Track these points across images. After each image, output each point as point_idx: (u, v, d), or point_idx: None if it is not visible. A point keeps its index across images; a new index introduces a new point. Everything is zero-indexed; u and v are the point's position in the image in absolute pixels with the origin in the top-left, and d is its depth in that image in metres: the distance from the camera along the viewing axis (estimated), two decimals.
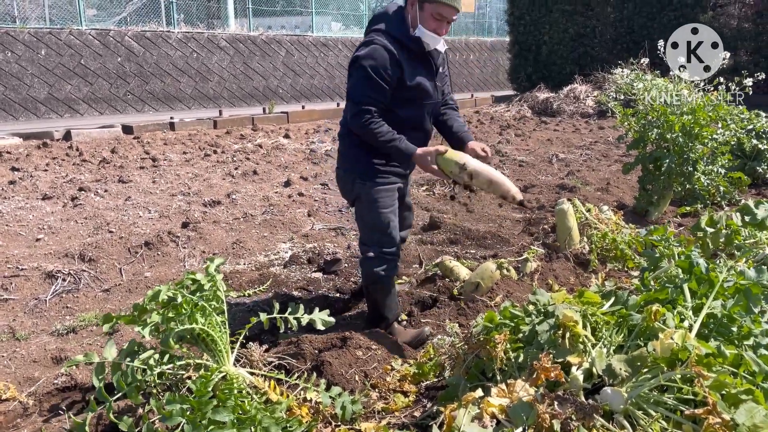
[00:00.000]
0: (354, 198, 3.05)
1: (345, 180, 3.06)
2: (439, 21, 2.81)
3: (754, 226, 3.33)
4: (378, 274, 2.99)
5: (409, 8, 2.84)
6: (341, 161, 3.08)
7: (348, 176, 3.02)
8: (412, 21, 2.84)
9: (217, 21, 18.05)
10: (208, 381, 2.13)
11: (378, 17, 2.92)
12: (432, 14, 2.79)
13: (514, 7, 17.06)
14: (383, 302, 3.09)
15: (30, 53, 12.00)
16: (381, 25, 2.86)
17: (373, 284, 3.05)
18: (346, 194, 3.14)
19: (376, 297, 3.10)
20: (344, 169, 3.05)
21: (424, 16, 2.80)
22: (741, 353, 1.77)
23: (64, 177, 6.97)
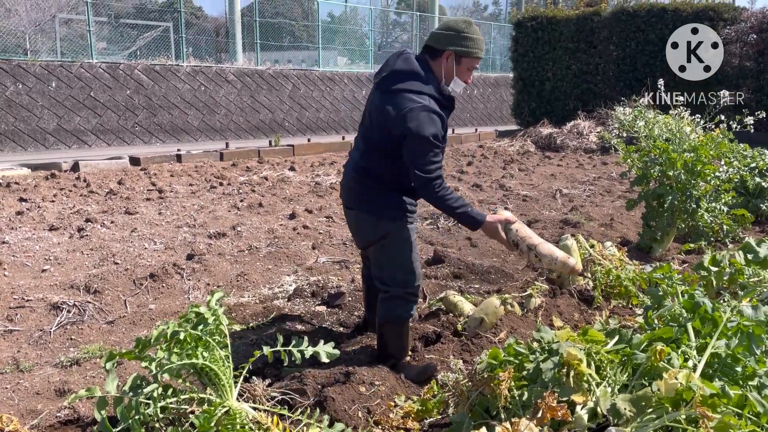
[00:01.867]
0: (379, 238, 2.99)
1: (369, 221, 3.01)
2: (470, 71, 2.97)
3: (757, 265, 3.34)
4: (398, 314, 3.00)
5: (444, 61, 2.90)
6: (364, 203, 3.02)
7: (373, 217, 2.98)
8: (446, 74, 2.92)
9: (225, 55, 18.38)
10: (211, 416, 2.13)
11: (407, 70, 2.87)
12: (468, 67, 2.93)
13: (518, 44, 17.32)
14: (397, 343, 3.09)
15: (41, 85, 12.21)
16: (415, 84, 2.83)
17: (389, 324, 3.05)
18: (367, 235, 3.07)
19: (391, 337, 3.09)
20: (369, 211, 3.00)
21: (460, 69, 2.91)
22: (745, 394, 1.76)
23: (71, 208, 7.03)
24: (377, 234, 3.00)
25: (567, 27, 16.46)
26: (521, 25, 17.16)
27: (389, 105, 2.82)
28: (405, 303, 3.02)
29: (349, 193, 3.11)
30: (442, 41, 2.90)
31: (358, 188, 3.04)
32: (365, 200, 3.02)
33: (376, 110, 2.91)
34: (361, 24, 22.75)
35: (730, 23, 14.44)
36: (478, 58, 2.94)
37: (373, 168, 2.99)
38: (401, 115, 2.76)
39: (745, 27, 14.26)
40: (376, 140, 2.95)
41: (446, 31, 2.91)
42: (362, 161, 3.02)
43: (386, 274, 3.03)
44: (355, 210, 3.07)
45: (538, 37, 16.91)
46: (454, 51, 2.88)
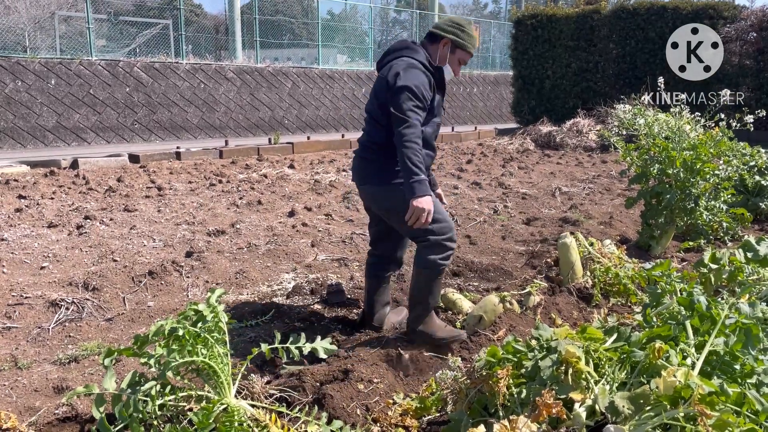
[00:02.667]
0: (395, 204, 3.09)
1: (379, 192, 3.21)
2: (460, 64, 3.30)
3: (756, 263, 3.34)
4: (434, 261, 3.13)
5: (440, 47, 3.21)
6: (371, 176, 3.22)
7: (382, 187, 3.18)
8: (440, 59, 3.22)
9: (224, 53, 18.36)
10: (210, 413, 2.13)
11: (400, 47, 3.21)
12: (459, 59, 3.26)
13: (518, 42, 17.31)
14: (431, 289, 3.22)
15: (40, 82, 12.20)
16: (407, 52, 3.15)
17: (425, 270, 3.16)
18: (383, 204, 3.25)
19: (424, 283, 3.20)
20: (377, 182, 3.19)
21: (453, 58, 3.25)
22: (744, 392, 1.76)
23: (70, 205, 7.02)
24: (392, 201, 3.15)
25: (567, 25, 16.45)
26: (521, 23, 17.15)
27: (384, 72, 3.12)
28: (443, 250, 3.14)
29: (356, 171, 3.34)
30: (442, 29, 3.23)
31: (363, 164, 3.26)
32: (371, 173, 3.22)
33: (376, 81, 3.20)
34: (360, 22, 22.74)
35: (730, 21, 14.44)
36: (470, 53, 3.27)
37: (374, 140, 3.20)
38: (391, 74, 3.02)
39: (745, 25, 14.25)
40: (375, 112, 3.17)
41: (448, 22, 3.26)
42: (364, 137, 3.27)
43: (415, 230, 3.08)
44: (365, 185, 3.28)
45: (538, 35, 16.90)
46: (452, 40, 3.20)
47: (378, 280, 3.61)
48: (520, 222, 6.61)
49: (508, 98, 20.74)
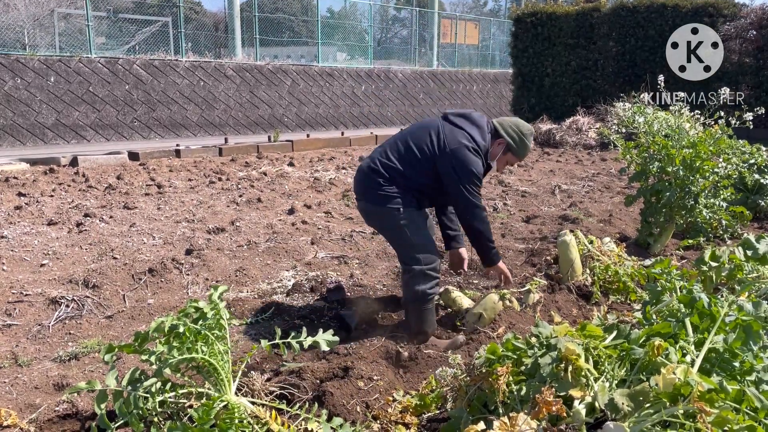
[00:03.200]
0: (388, 225, 3.31)
1: (373, 210, 3.32)
2: (506, 165, 3.53)
3: (756, 261, 3.34)
4: (421, 291, 3.25)
5: (496, 145, 3.41)
6: (370, 193, 3.30)
7: (385, 208, 3.25)
8: (491, 153, 3.41)
9: (224, 50, 18.34)
10: (210, 410, 2.13)
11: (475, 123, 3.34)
12: (508, 161, 3.49)
13: (518, 40, 17.29)
14: (425, 318, 3.33)
15: (39, 80, 12.18)
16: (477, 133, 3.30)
17: (414, 302, 3.29)
18: (375, 222, 3.46)
19: (416, 314, 3.33)
20: (373, 201, 3.28)
21: (503, 158, 3.45)
22: (743, 389, 1.76)
23: (69, 203, 7.02)
24: (385, 222, 3.31)
25: (566, 23, 16.44)
26: (521, 21, 17.13)
27: (448, 133, 3.24)
28: (428, 279, 3.26)
29: (358, 185, 3.40)
30: (504, 129, 3.40)
31: (367, 182, 3.32)
32: (370, 192, 3.29)
33: (434, 129, 3.29)
34: (360, 19, 22.69)
35: (730, 19, 14.42)
36: (520, 158, 3.51)
37: (390, 168, 3.26)
38: (454, 148, 3.20)
39: (745, 23, 14.24)
40: (413, 153, 3.25)
41: (513, 126, 3.43)
42: (382, 159, 3.30)
43: (403, 255, 3.32)
44: (362, 201, 3.38)
45: (537, 33, 16.89)
46: (507, 143, 3.40)
47: None
48: (519, 220, 6.62)
49: (507, 96, 20.73)
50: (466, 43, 24.46)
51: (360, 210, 3.51)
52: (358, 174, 3.40)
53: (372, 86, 18.77)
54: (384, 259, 5.09)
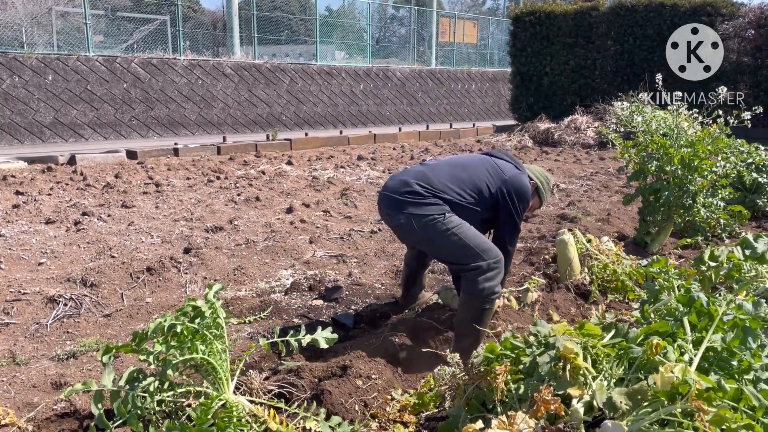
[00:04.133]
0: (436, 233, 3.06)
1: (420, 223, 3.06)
2: (528, 209, 3.51)
3: (754, 260, 3.34)
4: (490, 288, 3.05)
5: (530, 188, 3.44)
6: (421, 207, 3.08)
7: (427, 218, 3.05)
8: None
9: (222, 49, 18.32)
10: (208, 409, 2.13)
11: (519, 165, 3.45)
12: (533, 205, 3.55)
13: (516, 39, 17.29)
14: (485, 320, 3.13)
15: (37, 78, 12.16)
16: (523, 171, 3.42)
17: (479, 299, 3.06)
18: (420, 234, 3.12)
19: (480, 314, 3.09)
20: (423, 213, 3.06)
21: (531, 202, 3.48)
22: (741, 387, 1.77)
23: (67, 201, 7.01)
24: (427, 230, 3.07)
25: (565, 22, 16.44)
26: (519, 20, 17.13)
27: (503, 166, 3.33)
28: (496, 275, 3.08)
29: (391, 201, 3.16)
30: (534, 174, 3.53)
31: (404, 196, 3.11)
32: (408, 204, 3.09)
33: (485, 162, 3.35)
34: (359, 18, 22.68)
35: (728, 19, 14.43)
36: (541, 205, 3.66)
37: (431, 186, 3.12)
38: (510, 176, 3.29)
39: (743, 22, 14.25)
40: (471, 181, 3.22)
41: (542, 173, 3.58)
42: (414, 181, 3.14)
43: (462, 257, 3.08)
44: (398, 215, 3.12)
45: (536, 32, 16.89)
46: (537, 187, 3.51)
47: (416, 270, 3.79)
48: None
49: (506, 95, 20.73)
50: (465, 41, 24.45)
51: (394, 227, 3.24)
52: (391, 191, 3.19)
53: (370, 85, 18.76)
54: (382, 258, 5.09)
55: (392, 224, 3.22)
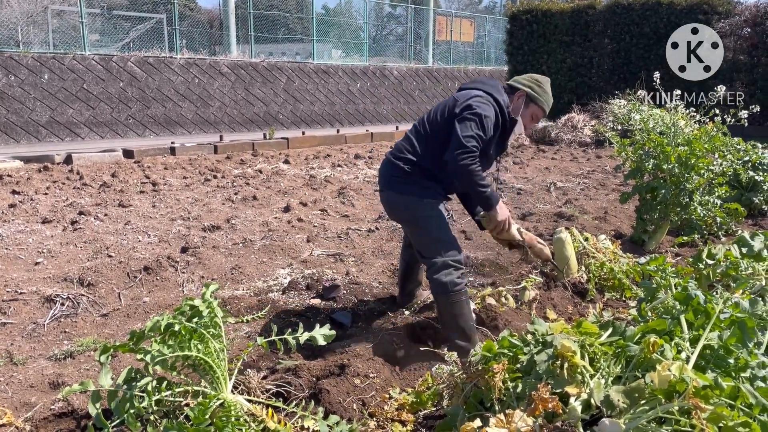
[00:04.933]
0: (411, 217, 3.22)
1: (398, 199, 3.23)
2: (531, 120, 3.33)
3: (751, 258, 3.35)
4: (449, 281, 3.09)
5: (516, 99, 3.26)
6: (394, 183, 3.22)
7: (410, 198, 3.19)
8: (513, 110, 3.26)
9: (219, 47, 18.29)
10: (206, 408, 2.13)
11: (488, 83, 3.26)
12: (532, 115, 3.30)
13: (513, 37, 17.30)
14: (459, 311, 3.13)
15: (33, 77, 12.13)
16: (492, 89, 3.20)
17: (444, 294, 3.11)
18: (397, 212, 3.34)
19: (447, 309, 3.14)
20: (397, 190, 3.21)
21: (526, 112, 3.29)
22: (738, 385, 1.77)
23: (64, 201, 6.99)
24: (409, 214, 3.22)
25: (562, 20, 16.45)
26: (516, 18, 17.14)
27: (460, 97, 3.16)
28: (451, 269, 3.12)
29: (382, 175, 3.33)
30: (520, 82, 3.30)
31: (392, 170, 3.24)
32: (395, 181, 3.23)
33: (447, 102, 3.21)
34: (355, 16, 22.68)
35: (725, 17, 14.46)
36: (543, 111, 3.31)
37: (414, 154, 3.19)
38: (467, 97, 3.10)
39: (740, 21, 14.28)
40: (430, 127, 3.20)
41: (527, 77, 3.33)
42: (405, 145, 3.25)
43: (427, 250, 3.18)
44: (386, 191, 3.29)
45: (532, 30, 16.90)
46: (527, 93, 3.25)
47: (411, 264, 3.77)
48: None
49: None
50: (462, 40, 24.46)
51: (383, 201, 3.41)
52: (384, 163, 3.35)
53: (367, 83, 18.75)
54: (380, 256, 5.09)
55: (381, 198, 3.40)
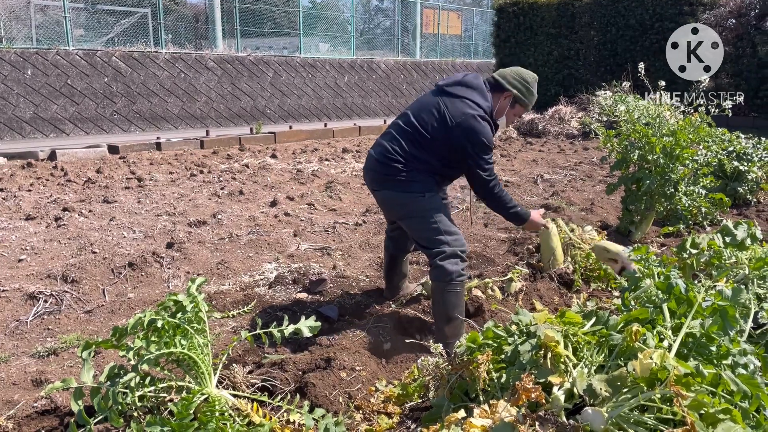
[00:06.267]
0: (415, 212, 3.18)
1: (403, 199, 3.19)
2: (515, 118, 3.42)
3: (734, 247, 3.37)
4: (455, 270, 3.08)
5: (502, 98, 3.30)
6: (401, 183, 3.17)
7: (410, 194, 3.17)
8: (499, 108, 3.30)
9: (204, 42, 18.13)
10: (190, 403, 2.11)
11: (474, 86, 3.24)
12: (516, 113, 3.38)
13: (500, 30, 17.31)
14: (456, 303, 3.13)
15: (16, 73, 11.98)
16: (478, 97, 3.19)
17: (447, 283, 3.10)
18: (396, 210, 3.29)
19: (450, 298, 3.12)
20: (393, 188, 3.19)
21: (510, 112, 3.36)
22: (719, 372, 1.78)
23: (48, 197, 6.92)
24: (411, 209, 3.18)
25: (548, 12, 16.47)
26: (503, 11, 17.14)
27: (450, 107, 3.14)
28: (458, 260, 3.12)
29: (375, 176, 3.28)
30: (509, 81, 3.30)
31: (386, 170, 3.20)
32: (392, 178, 3.19)
33: (435, 106, 3.18)
34: (342, 10, 22.54)
35: (710, 8, 14.53)
36: (529, 108, 3.40)
37: (404, 153, 3.17)
38: (461, 120, 3.10)
39: (724, 12, 14.35)
40: (422, 130, 3.16)
41: (515, 76, 3.32)
42: (394, 146, 3.20)
43: (431, 242, 3.16)
44: (382, 190, 3.26)
45: (519, 22, 16.91)
46: (514, 95, 3.29)
47: (396, 255, 3.77)
48: None
49: None
50: (449, 33, 24.41)
51: (379, 200, 3.36)
52: (373, 164, 3.28)
53: (355, 77, 18.69)
54: (367, 250, 5.08)
55: (375, 195, 3.37)
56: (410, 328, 3.45)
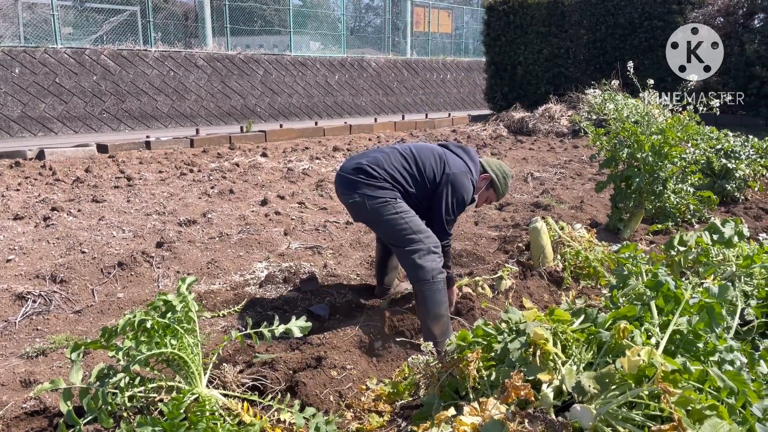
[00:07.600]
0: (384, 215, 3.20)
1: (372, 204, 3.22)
2: (484, 202, 3.64)
3: (722, 244, 3.40)
4: (433, 267, 3.11)
5: (481, 180, 3.52)
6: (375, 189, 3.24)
7: (378, 200, 3.21)
8: (477, 186, 3.50)
9: (194, 40, 18.03)
10: (180, 403, 2.11)
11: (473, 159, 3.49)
12: (488, 198, 3.60)
13: (490, 28, 17.33)
14: (440, 299, 3.12)
15: (3, 72, 11.88)
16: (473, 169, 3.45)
17: (427, 281, 3.10)
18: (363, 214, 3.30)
19: (433, 296, 3.11)
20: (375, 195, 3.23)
21: (484, 193, 3.57)
22: (706, 369, 1.80)
23: (36, 197, 6.88)
24: (377, 212, 3.21)
25: (538, 11, 16.51)
26: (493, 9, 17.16)
27: (450, 159, 3.37)
28: (435, 256, 3.16)
29: (347, 181, 3.30)
30: (491, 166, 3.56)
31: (360, 176, 3.26)
32: (363, 184, 3.25)
33: (437, 152, 3.41)
34: (333, 8, 22.50)
35: (698, 7, 14.61)
36: (498, 198, 3.62)
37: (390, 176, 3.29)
38: (456, 172, 3.33)
39: (712, 10, 14.43)
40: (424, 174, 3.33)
41: (498, 166, 3.59)
42: (381, 167, 3.31)
43: (403, 240, 3.17)
44: (353, 194, 3.28)
45: (510, 21, 16.94)
46: (491, 180, 3.53)
47: (385, 255, 3.83)
48: (492, 207, 6.65)
49: (481, 85, 20.78)
50: (440, 31, 24.43)
51: (348, 205, 3.35)
52: (348, 173, 3.31)
53: (345, 75, 18.66)
54: (358, 248, 5.09)
55: (346, 202, 3.37)
56: (401, 326, 3.46)
